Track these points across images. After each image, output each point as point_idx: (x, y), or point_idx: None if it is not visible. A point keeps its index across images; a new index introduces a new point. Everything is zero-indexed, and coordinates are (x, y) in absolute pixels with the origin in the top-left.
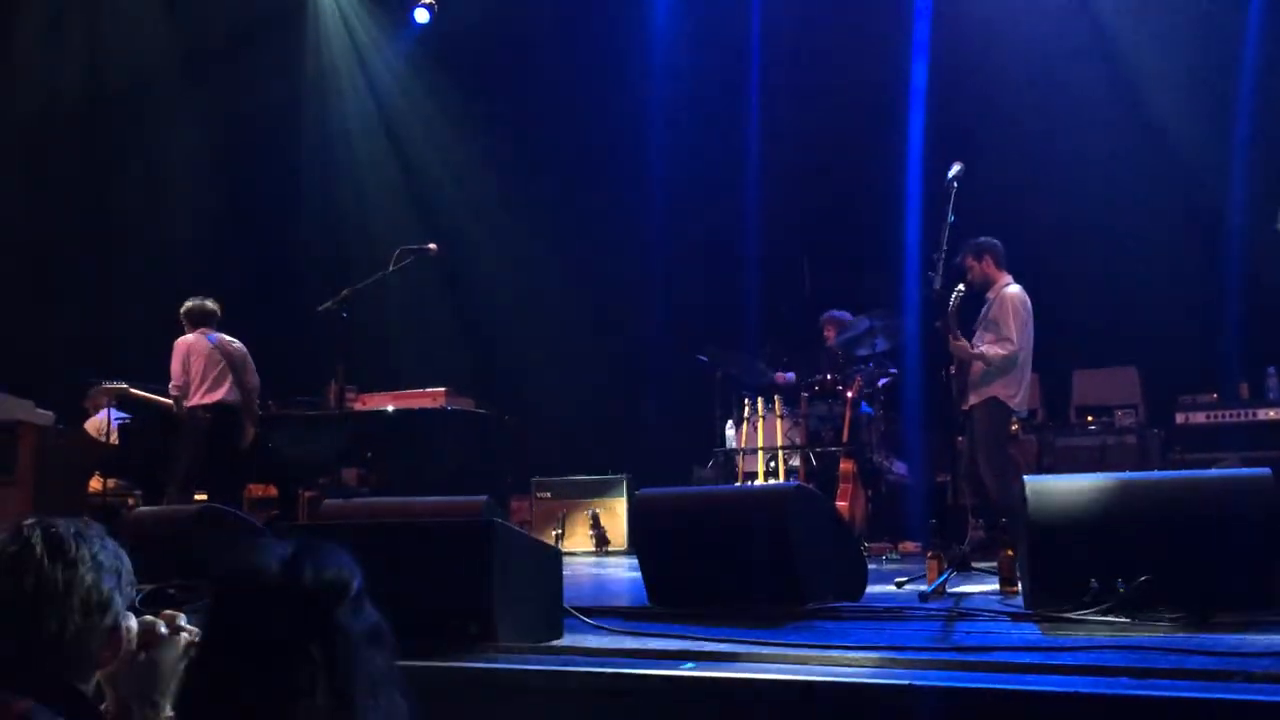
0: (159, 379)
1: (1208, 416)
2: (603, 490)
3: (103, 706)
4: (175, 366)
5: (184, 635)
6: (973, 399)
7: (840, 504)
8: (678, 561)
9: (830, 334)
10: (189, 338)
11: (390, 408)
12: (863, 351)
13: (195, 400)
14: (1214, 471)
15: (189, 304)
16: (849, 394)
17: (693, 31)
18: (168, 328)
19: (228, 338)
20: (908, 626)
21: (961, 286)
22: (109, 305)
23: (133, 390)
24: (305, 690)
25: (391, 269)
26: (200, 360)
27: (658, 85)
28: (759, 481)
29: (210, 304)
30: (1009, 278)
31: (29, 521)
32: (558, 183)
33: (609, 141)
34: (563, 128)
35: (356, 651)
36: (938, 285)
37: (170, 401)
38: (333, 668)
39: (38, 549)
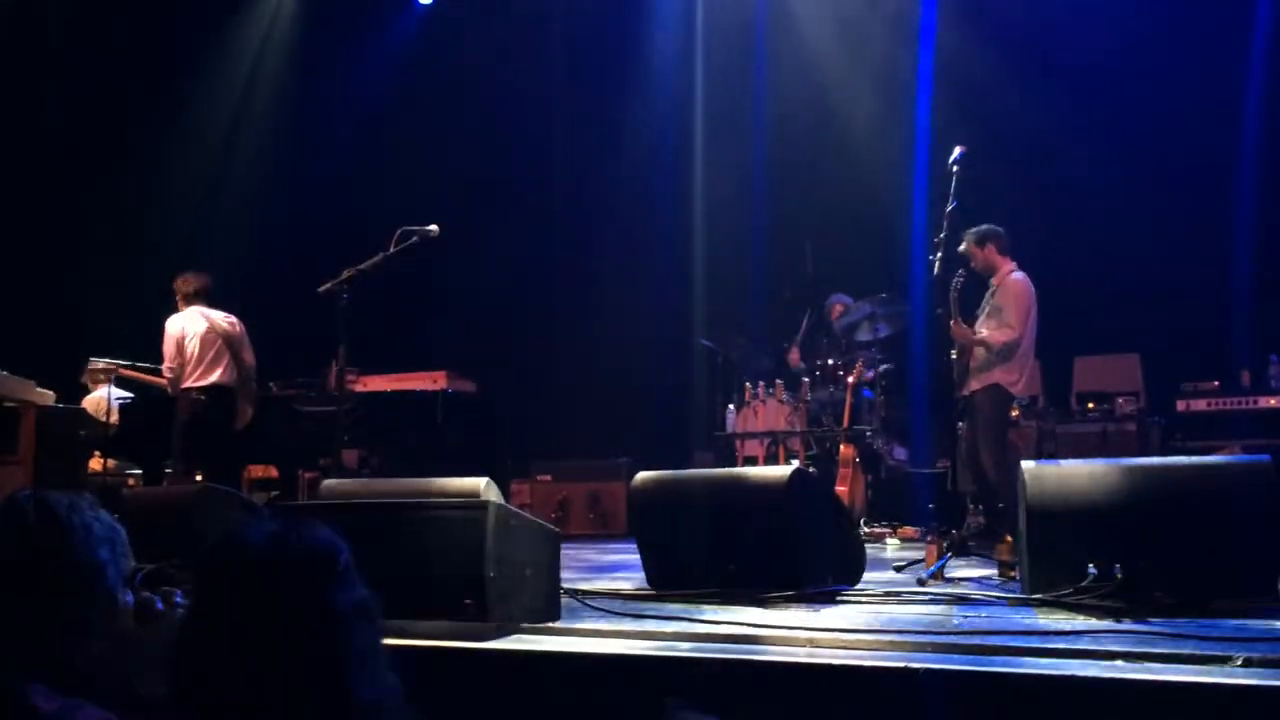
0: (159, 358)
1: (1209, 404)
2: (603, 473)
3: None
4: (169, 348)
5: (180, 612)
6: (974, 385)
7: (840, 489)
8: (676, 544)
9: (837, 313)
10: (182, 317)
11: (391, 390)
12: (864, 337)
13: (190, 382)
14: (1214, 458)
15: (184, 278)
16: (850, 379)
17: (696, 12)
18: (170, 306)
19: (222, 314)
20: (906, 610)
21: (962, 271)
22: (110, 284)
23: (124, 369)
24: (295, 664)
25: (393, 250)
26: (196, 341)
27: (662, 67)
28: (759, 466)
29: (205, 278)
30: (1013, 265)
31: (23, 493)
32: (561, 165)
33: (612, 124)
34: (566, 108)
35: (345, 625)
36: (938, 270)
37: (164, 382)
38: (321, 641)
39: (30, 519)
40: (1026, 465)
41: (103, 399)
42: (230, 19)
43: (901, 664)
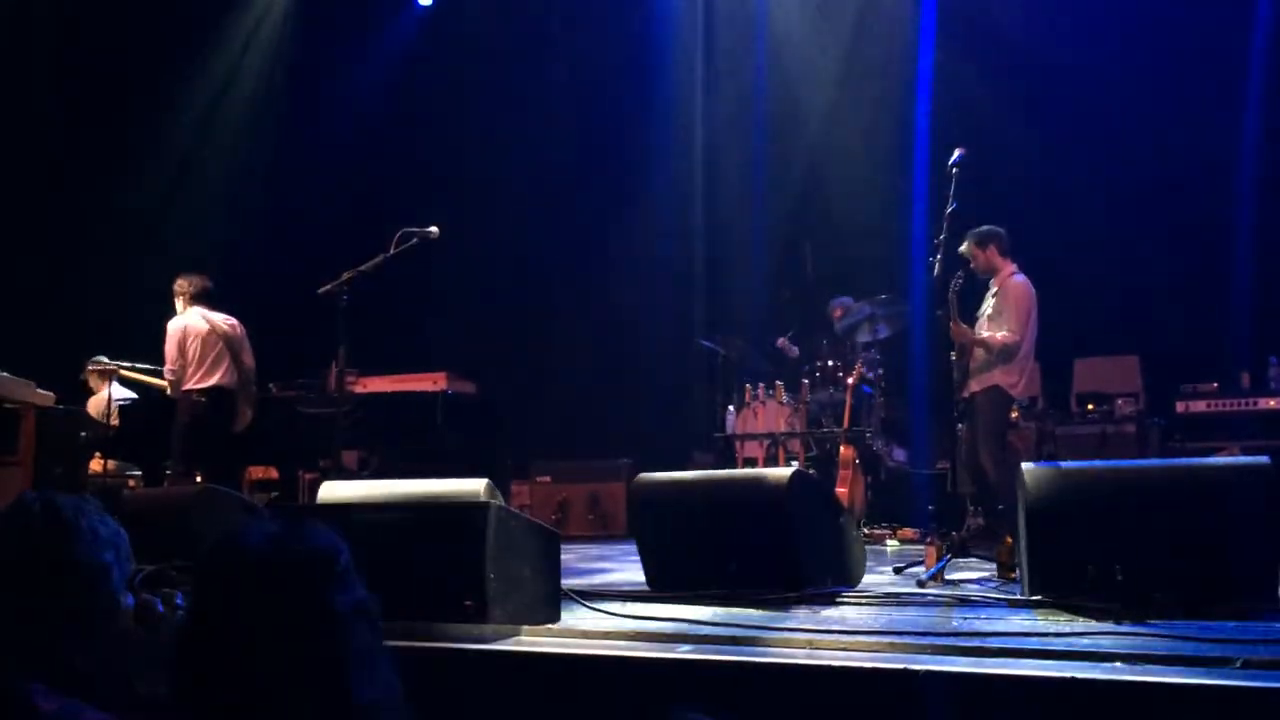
0: (159, 358)
1: (1208, 405)
2: (603, 474)
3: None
4: (171, 349)
5: (180, 614)
6: (974, 386)
7: (840, 490)
8: (676, 545)
9: (837, 314)
10: (185, 319)
11: (390, 391)
12: (864, 338)
13: (191, 384)
14: (1213, 460)
15: (187, 280)
16: (850, 380)
17: (697, 12)
18: (171, 307)
19: (222, 316)
20: (906, 611)
21: (961, 272)
22: (110, 284)
23: (124, 370)
24: (294, 665)
25: (393, 252)
26: (198, 344)
27: (663, 66)
28: (759, 467)
29: (205, 279)
30: (1014, 267)
31: (31, 495)
32: (561, 165)
33: (612, 124)
34: (568, 109)
35: (344, 626)
36: (937, 271)
37: (164, 384)
38: (320, 642)
39: (37, 520)
40: (1026, 467)
41: (106, 401)
42: (232, 19)
43: (901, 665)
